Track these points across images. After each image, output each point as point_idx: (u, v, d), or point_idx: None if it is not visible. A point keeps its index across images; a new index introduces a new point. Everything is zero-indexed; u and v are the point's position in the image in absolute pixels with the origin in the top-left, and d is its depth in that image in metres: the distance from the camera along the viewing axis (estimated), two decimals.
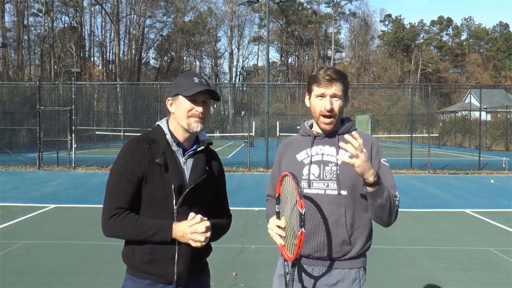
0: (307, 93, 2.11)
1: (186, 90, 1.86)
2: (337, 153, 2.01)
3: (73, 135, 15.97)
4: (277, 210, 1.97)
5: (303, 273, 2.01)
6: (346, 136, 1.84)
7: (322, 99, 2.01)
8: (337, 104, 2.01)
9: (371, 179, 1.81)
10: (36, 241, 6.08)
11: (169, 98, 1.94)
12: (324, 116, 2.01)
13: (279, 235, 1.87)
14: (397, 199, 1.99)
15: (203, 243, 1.78)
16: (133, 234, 1.80)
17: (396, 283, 4.63)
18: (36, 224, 7.23)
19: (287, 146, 2.18)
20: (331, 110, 1.99)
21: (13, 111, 23.37)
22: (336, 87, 2.00)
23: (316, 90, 2.03)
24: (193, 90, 1.85)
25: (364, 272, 2.04)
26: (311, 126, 2.18)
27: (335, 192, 1.97)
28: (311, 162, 2.04)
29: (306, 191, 1.99)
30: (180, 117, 1.88)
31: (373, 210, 1.93)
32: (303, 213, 1.68)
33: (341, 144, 1.85)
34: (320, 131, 2.09)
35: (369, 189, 1.85)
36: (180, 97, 1.88)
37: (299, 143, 2.13)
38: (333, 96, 2.00)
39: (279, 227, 1.88)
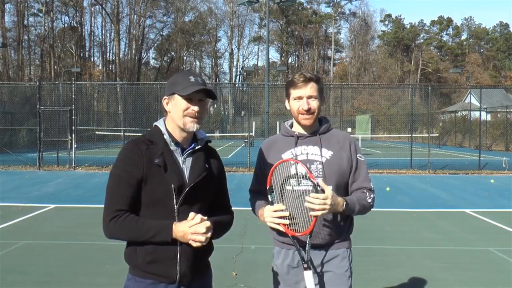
0: (286, 98, 2.29)
1: (182, 89, 1.86)
2: (321, 152, 2.21)
3: (73, 135, 15.97)
4: (270, 200, 2.13)
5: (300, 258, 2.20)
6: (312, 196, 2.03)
7: (300, 101, 2.20)
8: (314, 103, 2.20)
9: (340, 210, 2.09)
10: (36, 241, 6.08)
11: (165, 97, 1.93)
12: (303, 114, 2.20)
13: (280, 217, 2.04)
14: (370, 197, 2.21)
15: (204, 244, 1.78)
16: (134, 236, 1.81)
17: (396, 283, 4.63)
18: (36, 224, 7.23)
19: (271, 146, 2.33)
20: (309, 110, 2.18)
21: (13, 111, 23.37)
22: (311, 88, 2.19)
23: (293, 93, 2.22)
24: (189, 89, 1.85)
25: (351, 251, 2.29)
26: (291, 126, 2.34)
27: None
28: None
29: (295, 188, 2.16)
30: (176, 116, 1.88)
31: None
32: (316, 183, 2.03)
33: (306, 204, 2.04)
34: (302, 131, 2.27)
35: (341, 212, 2.14)
36: (176, 96, 1.88)
37: (282, 143, 2.29)
38: (309, 97, 2.19)
39: (279, 211, 2.06)
